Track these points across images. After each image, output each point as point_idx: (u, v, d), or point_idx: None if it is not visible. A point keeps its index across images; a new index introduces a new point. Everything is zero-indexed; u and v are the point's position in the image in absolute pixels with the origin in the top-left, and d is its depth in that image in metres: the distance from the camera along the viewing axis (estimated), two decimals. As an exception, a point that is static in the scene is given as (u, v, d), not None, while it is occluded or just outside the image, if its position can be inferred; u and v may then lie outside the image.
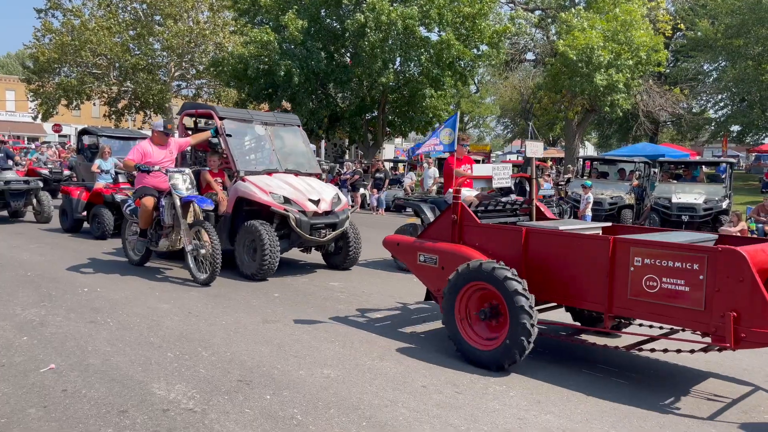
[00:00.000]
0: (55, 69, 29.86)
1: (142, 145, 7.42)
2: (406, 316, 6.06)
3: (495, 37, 22.90)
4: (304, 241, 7.66)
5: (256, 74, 22.90)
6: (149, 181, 7.39)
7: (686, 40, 32.02)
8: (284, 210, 7.41)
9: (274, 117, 8.98)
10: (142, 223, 7.41)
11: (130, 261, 8.11)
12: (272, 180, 7.81)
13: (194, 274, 7.09)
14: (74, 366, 4.29)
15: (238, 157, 7.97)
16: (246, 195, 7.57)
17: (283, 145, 8.75)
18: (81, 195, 11.14)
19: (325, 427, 3.45)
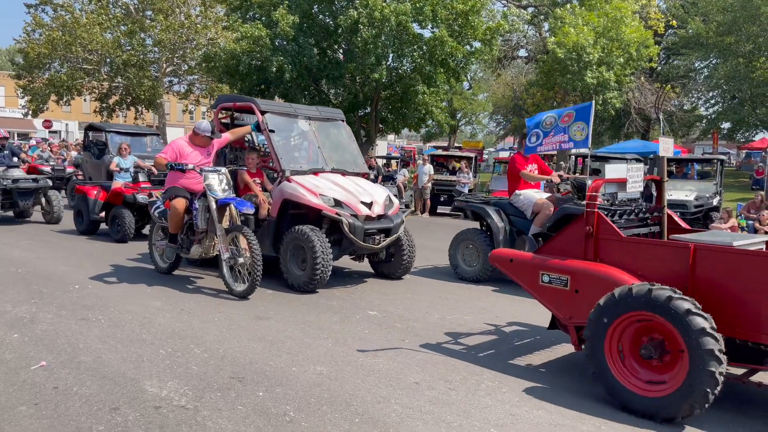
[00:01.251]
0: (46, 64, 29.65)
1: (177, 143, 6.81)
2: (399, 313, 6.06)
3: (488, 34, 22.88)
4: (357, 248, 6.94)
5: (248, 70, 22.80)
6: (181, 182, 6.75)
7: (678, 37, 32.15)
8: (336, 214, 6.70)
9: (317, 111, 8.26)
10: (172, 228, 6.75)
11: (157, 268, 7.43)
12: (320, 180, 7.11)
13: (230, 285, 6.42)
14: (65, 363, 4.27)
15: (283, 155, 7.28)
16: (293, 197, 6.90)
17: (328, 141, 8.04)
18: (98, 195, 10.48)
19: (317, 423, 3.45)
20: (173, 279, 7.21)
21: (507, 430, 3.46)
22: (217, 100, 8.32)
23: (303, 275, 6.64)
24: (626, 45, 21.50)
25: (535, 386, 4.15)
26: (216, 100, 8.33)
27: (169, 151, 6.71)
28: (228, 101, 8.19)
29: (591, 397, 3.97)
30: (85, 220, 10.57)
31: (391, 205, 7.36)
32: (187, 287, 6.82)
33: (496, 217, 7.61)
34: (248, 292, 6.30)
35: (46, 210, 11.77)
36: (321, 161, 7.58)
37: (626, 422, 3.62)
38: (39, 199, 11.71)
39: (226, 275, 6.45)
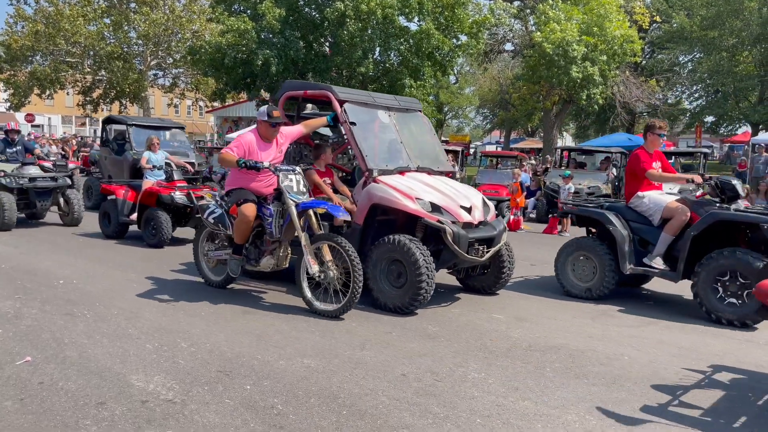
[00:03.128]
0: (28, 57, 29.28)
1: (245, 137, 5.76)
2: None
3: (474, 28, 22.92)
4: (460, 260, 5.89)
5: (234, 63, 22.65)
6: (249, 183, 5.77)
7: (662, 32, 32.39)
8: (437, 221, 5.70)
9: (396, 101, 7.22)
10: (239, 237, 5.79)
11: (208, 282, 6.54)
12: (410, 181, 6.14)
13: (313, 305, 5.55)
14: (51, 358, 4.24)
15: (368, 152, 6.22)
16: (384, 201, 5.90)
17: (409, 135, 6.98)
18: (126, 195, 9.58)
19: (305, 416, 3.46)
20: (160, 273, 7.18)
21: (493, 420, 3.50)
22: (282, 88, 7.26)
23: (400, 294, 5.64)
24: (611, 41, 21.63)
25: (521, 378, 4.19)
26: (281, 88, 7.28)
27: (238, 146, 5.67)
28: (296, 89, 7.06)
29: (576, 388, 4.02)
30: (113, 222, 9.61)
31: (488, 209, 6.40)
32: (173, 282, 6.79)
33: (619, 224, 6.46)
34: (342, 311, 5.40)
35: (64, 211, 10.79)
36: (405, 158, 6.55)
37: (610, 411, 3.67)
38: (57, 199, 10.70)
39: (307, 294, 5.61)
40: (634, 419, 3.58)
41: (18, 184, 10.02)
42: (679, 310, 6.30)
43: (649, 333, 5.42)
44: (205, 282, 6.57)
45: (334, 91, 6.49)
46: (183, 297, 6.10)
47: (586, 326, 5.56)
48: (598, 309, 6.20)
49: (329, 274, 5.45)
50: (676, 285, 6.43)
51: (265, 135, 5.79)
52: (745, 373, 4.46)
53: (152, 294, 6.17)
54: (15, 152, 10.72)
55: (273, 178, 5.70)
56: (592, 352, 4.78)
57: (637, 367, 4.48)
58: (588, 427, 3.45)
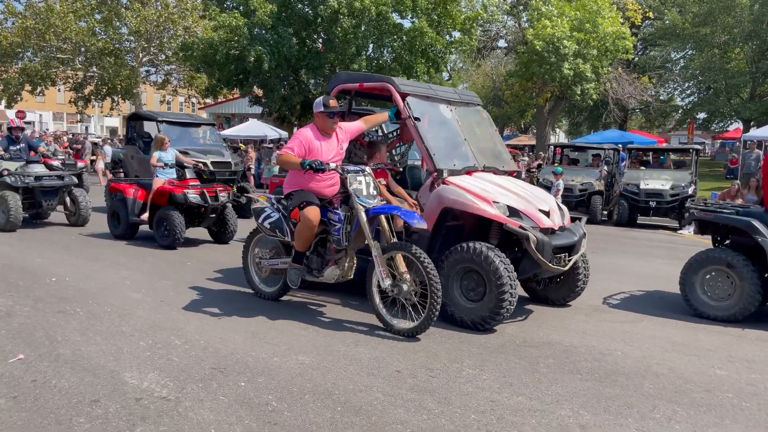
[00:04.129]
0: (19, 54, 29.06)
1: (303, 133, 5.25)
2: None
3: (467, 24, 22.95)
4: (543, 270, 5.31)
5: (226, 60, 22.60)
6: (310, 185, 5.25)
7: (654, 28, 32.51)
8: (520, 228, 5.14)
9: (456, 94, 6.66)
10: (301, 244, 5.27)
11: (259, 293, 6.03)
12: (481, 182, 5.59)
13: (387, 322, 5.00)
14: (44, 356, 4.22)
15: (436, 150, 5.66)
16: (458, 205, 5.36)
17: (472, 131, 6.39)
18: (136, 194, 9.25)
19: (300, 412, 3.47)
20: (153, 271, 7.16)
21: (487, 416, 3.51)
22: (333, 80, 6.61)
23: (479, 308, 5.10)
24: (603, 37, 21.69)
25: (515, 374, 4.21)
26: (332, 80, 6.64)
27: (297, 144, 5.15)
28: (350, 81, 6.44)
29: (569, 383, 4.04)
30: (123, 222, 9.28)
31: (563, 213, 5.90)
32: (166, 280, 6.77)
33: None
34: (420, 330, 4.83)
35: (70, 211, 10.47)
36: (471, 157, 5.98)
37: (603, 406, 3.69)
38: (63, 199, 10.37)
39: (381, 308, 5.04)
40: (626, 414, 3.61)
41: (23, 183, 9.71)
42: (672, 306, 6.34)
43: (641, 329, 5.45)
44: (255, 293, 6.07)
45: (396, 83, 5.92)
46: (177, 294, 6.08)
47: (579, 322, 5.59)
48: (591, 305, 6.23)
49: (403, 288, 4.87)
50: (671, 282, 6.46)
51: (324, 128, 5.27)
52: (735, 368, 4.50)
53: (146, 291, 6.15)
54: (18, 150, 10.37)
55: (336, 177, 5.24)
56: (585, 348, 4.80)
57: (629, 363, 4.51)
58: (581, 422, 3.47)
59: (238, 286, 6.50)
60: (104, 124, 55.45)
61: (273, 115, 25.55)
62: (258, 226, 5.75)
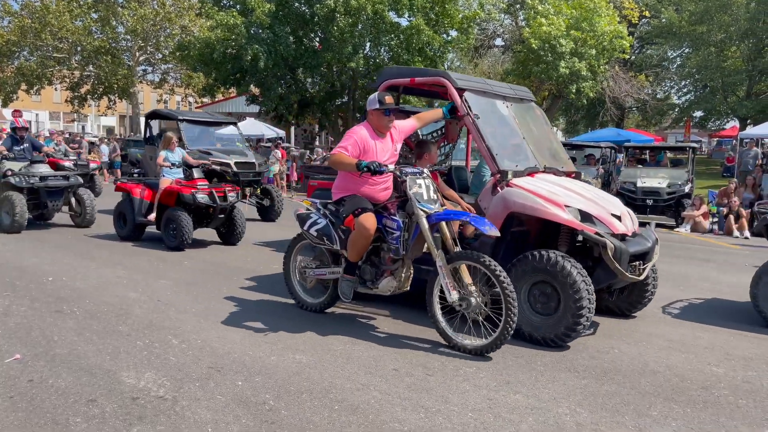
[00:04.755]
0: (15, 53, 29.00)
1: (359, 133, 4.81)
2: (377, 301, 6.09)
3: (464, 23, 22.94)
4: (618, 280, 4.93)
5: (223, 58, 22.55)
6: (363, 189, 4.86)
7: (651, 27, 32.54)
8: (597, 234, 4.74)
9: (511, 89, 6.24)
10: (354, 254, 4.87)
11: (302, 304, 5.63)
12: (546, 184, 5.20)
13: (451, 338, 4.60)
14: (40, 356, 4.21)
15: (498, 150, 5.30)
16: (527, 210, 4.96)
17: (530, 129, 5.98)
18: (143, 194, 9.02)
19: (297, 411, 3.47)
20: (149, 270, 7.14)
21: (484, 414, 3.51)
22: (381, 75, 6.21)
23: (552, 324, 4.67)
24: (600, 36, 21.71)
25: (512, 371, 4.21)
26: (380, 75, 6.24)
27: (352, 144, 4.73)
28: (399, 76, 6.03)
29: (566, 381, 4.04)
30: (129, 223, 9.06)
31: (633, 218, 5.47)
32: (163, 279, 6.76)
33: None
34: (492, 347, 4.41)
35: (75, 211, 10.28)
36: (531, 157, 5.60)
37: (601, 405, 3.69)
38: (68, 199, 10.16)
39: (444, 325, 4.65)
40: (623, 411, 3.61)
41: (28, 183, 9.51)
42: (666, 303, 6.34)
43: (638, 326, 5.46)
44: (297, 304, 5.67)
45: (452, 77, 5.47)
46: (173, 293, 6.07)
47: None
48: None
49: (472, 302, 4.45)
50: (668, 280, 6.47)
51: (379, 127, 4.88)
52: (732, 365, 4.51)
53: (142, 291, 6.14)
54: (22, 150, 10.17)
55: (390, 180, 4.94)
56: (582, 346, 4.80)
57: (626, 360, 4.51)
58: (579, 420, 3.47)
59: (235, 286, 6.49)
60: (101, 123, 55.33)
61: (270, 114, 25.52)
62: (303, 233, 5.33)
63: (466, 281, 4.52)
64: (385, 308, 5.74)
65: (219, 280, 6.75)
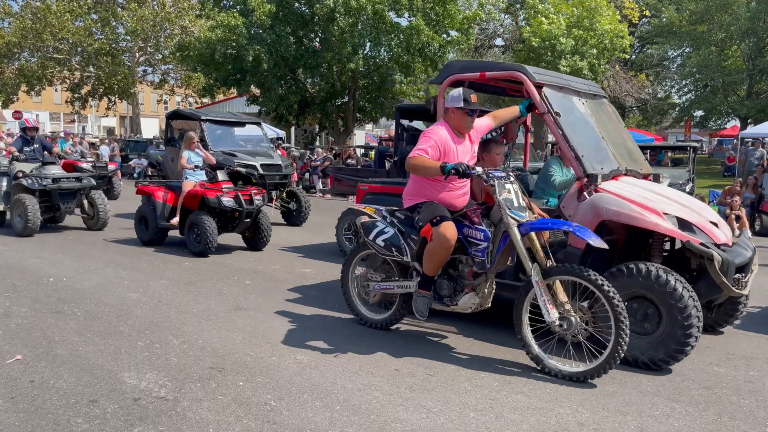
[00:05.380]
0: (15, 54, 29.02)
1: (437, 133, 4.38)
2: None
3: (465, 23, 22.95)
4: (722, 295, 4.57)
5: (224, 59, 22.58)
6: (438, 194, 4.45)
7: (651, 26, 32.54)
8: (702, 245, 4.31)
9: (585, 84, 5.79)
10: (432, 267, 4.44)
11: (364, 320, 5.17)
12: (635, 189, 4.78)
13: (544, 361, 4.16)
14: (41, 357, 4.21)
15: (584, 151, 4.80)
16: (622, 218, 4.49)
17: (606, 128, 5.47)
18: (165, 197, 8.68)
19: (298, 411, 3.46)
20: (149, 271, 7.14)
21: (486, 414, 3.51)
22: (445, 69, 5.65)
23: (651, 344, 4.24)
24: (600, 35, 21.71)
25: (513, 371, 4.21)
26: (444, 69, 5.68)
27: (432, 145, 4.31)
28: (466, 71, 5.46)
29: (568, 382, 4.03)
30: (151, 227, 8.69)
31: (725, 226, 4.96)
32: (164, 279, 6.76)
33: None
34: (597, 373, 3.97)
35: (88, 214, 10.04)
36: (612, 159, 5.13)
37: (602, 405, 3.69)
38: (80, 201, 9.94)
39: (535, 346, 4.22)
40: (625, 411, 3.61)
41: (41, 185, 9.28)
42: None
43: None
44: (358, 320, 5.23)
45: (529, 71, 5.02)
46: (174, 294, 6.07)
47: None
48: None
49: (572, 322, 4.03)
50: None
51: (460, 127, 4.44)
52: (734, 365, 4.50)
53: (143, 291, 6.14)
54: (33, 151, 9.96)
55: (467, 185, 4.55)
56: (583, 345, 4.79)
57: (628, 360, 4.50)
58: (580, 420, 3.47)
59: (236, 286, 6.49)
60: (101, 124, 55.39)
61: (270, 114, 25.54)
62: (368, 243, 4.85)
63: (562, 299, 4.10)
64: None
65: (219, 280, 6.75)
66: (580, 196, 4.72)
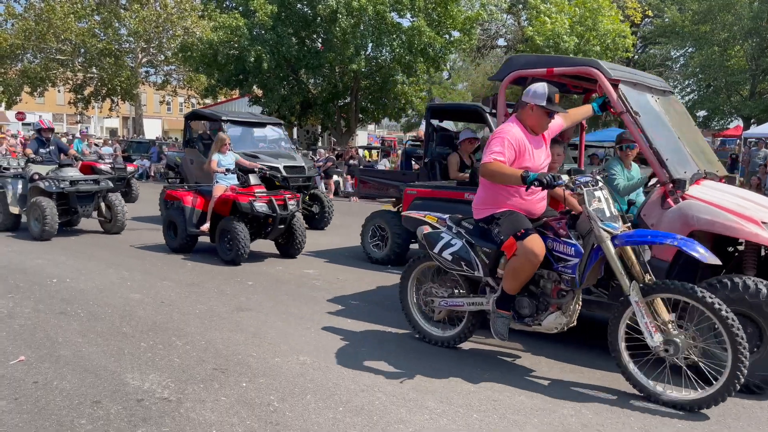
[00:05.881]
0: (18, 55, 29.09)
1: (511, 132, 3.97)
2: (382, 302, 6.08)
3: (467, 24, 22.95)
4: None
5: (226, 60, 22.62)
6: (521, 202, 4.07)
7: (654, 26, 32.49)
8: None
9: (655, 80, 5.42)
10: (513, 284, 3.99)
11: (428, 338, 4.74)
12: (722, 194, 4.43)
13: (650, 390, 3.74)
14: (45, 357, 4.22)
15: (669, 154, 4.44)
16: (716, 228, 4.10)
17: (680, 128, 5.08)
18: (195, 202, 8.23)
19: (301, 412, 3.46)
20: (153, 271, 7.15)
21: (489, 415, 3.50)
22: (506, 65, 5.21)
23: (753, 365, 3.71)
24: (603, 35, 21.71)
25: (516, 372, 4.20)
26: (506, 64, 5.24)
27: (507, 146, 3.91)
28: (531, 66, 5.04)
29: (571, 383, 4.03)
30: (180, 234, 8.24)
31: None
32: (166, 280, 6.76)
33: None
34: (712, 401, 3.56)
35: (105, 217, 9.75)
36: (690, 161, 4.72)
37: (606, 405, 3.68)
38: (98, 204, 9.63)
39: (636, 371, 3.81)
40: (629, 412, 3.60)
41: (58, 188, 9.04)
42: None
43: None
44: (421, 337, 4.80)
45: (603, 67, 4.63)
46: (177, 295, 6.08)
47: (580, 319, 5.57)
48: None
49: (679, 345, 3.62)
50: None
51: (536, 126, 4.07)
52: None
53: (146, 292, 6.15)
54: (49, 153, 9.72)
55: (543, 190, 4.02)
56: (588, 348, 4.79)
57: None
58: (584, 421, 3.46)
59: (239, 287, 6.49)
60: (104, 125, 55.45)
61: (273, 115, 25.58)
62: (432, 256, 4.44)
63: (665, 318, 3.70)
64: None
65: (222, 281, 6.75)
66: (664, 204, 4.31)
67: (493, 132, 4.08)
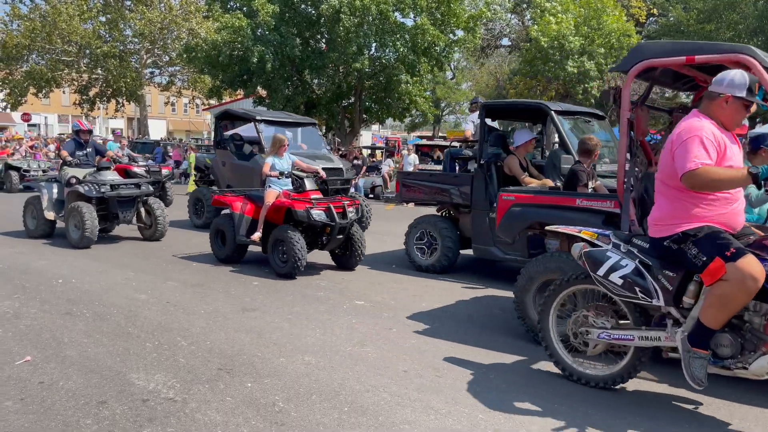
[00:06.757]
0: (24, 56, 29.20)
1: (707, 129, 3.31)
2: (386, 302, 6.08)
3: (471, 23, 22.93)
4: None
5: (230, 61, 22.64)
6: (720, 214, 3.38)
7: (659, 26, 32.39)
8: None
9: None
10: (721, 319, 3.26)
11: (575, 376, 3.97)
12: None
13: None
14: (50, 358, 4.23)
15: None
16: None
17: None
18: (245, 208, 7.59)
19: (306, 413, 3.46)
20: (158, 272, 7.16)
21: (495, 415, 3.49)
22: (632, 54, 4.47)
23: None
24: (607, 35, 21.65)
25: (522, 372, 4.19)
26: (631, 53, 4.50)
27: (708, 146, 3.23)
28: (666, 54, 4.33)
29: (579, 384, 4.01)
30: (229, 243, 7.61)
31: None
32: (171, 281, 6.77)
33: None
34: None
35: (145, 223, 9.29)
36: None
37: (614, 407, 3.67)
38: (138, 209, 9.20)
39: None
40: (635, 413, 3.58)
41: (99, 192, 8.65)
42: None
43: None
44: (566, 375, 4.02)
45: (758, 53, 3.94)
46: (182, 295, 6.08)
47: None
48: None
49: None
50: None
51: (729, 122, 3.38)
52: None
53: (151, 293, 6.16)
54: (86, 155, 9.28)
55: (742, 198, 3.44)
56: (592, 347, 4.77)
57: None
58: (591, 422, 3.45)
59: (244, 287, 6.50)
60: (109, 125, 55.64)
61: (277, 115, 25.61)
62: (596, 279, 3.67)
63: None
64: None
65: (227, 281, 6.76)
66: None
67: (678, 132, 3.34)
